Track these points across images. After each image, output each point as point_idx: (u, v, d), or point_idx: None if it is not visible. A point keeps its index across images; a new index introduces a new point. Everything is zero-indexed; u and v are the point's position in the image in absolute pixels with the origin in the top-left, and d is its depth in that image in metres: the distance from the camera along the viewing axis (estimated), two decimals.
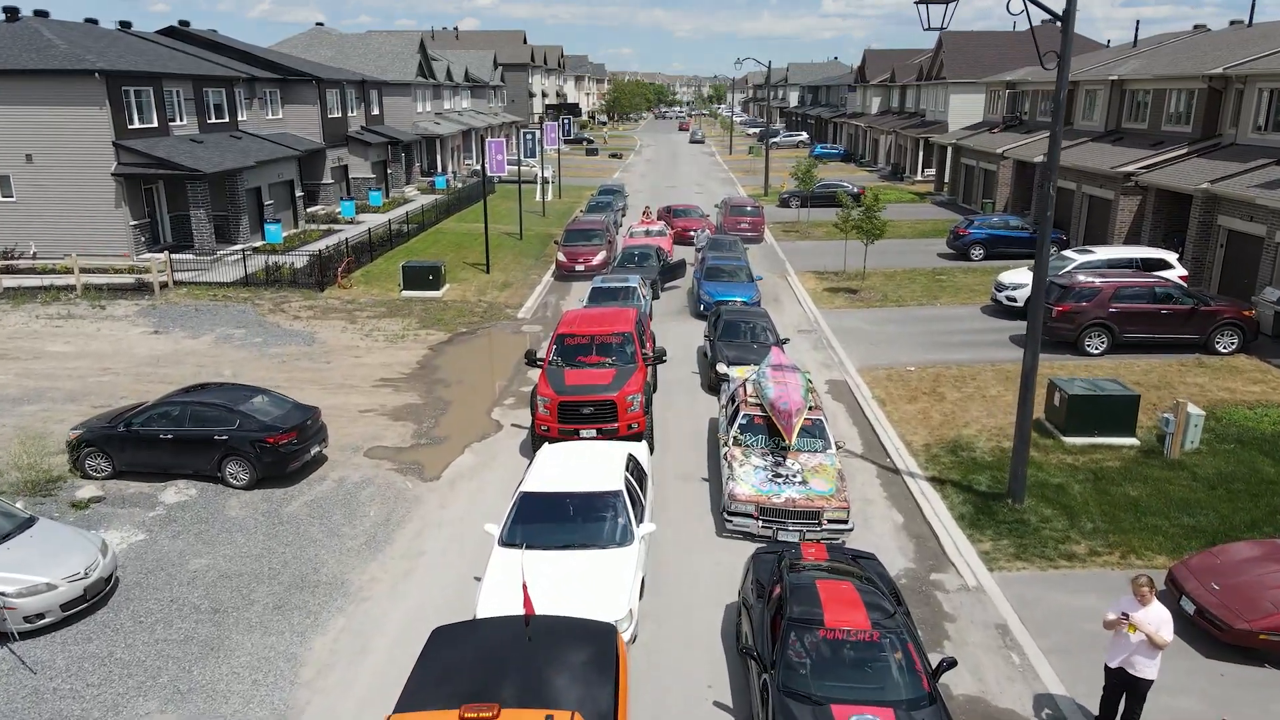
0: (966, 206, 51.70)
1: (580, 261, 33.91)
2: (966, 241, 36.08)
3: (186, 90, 36.86)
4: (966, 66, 59.95)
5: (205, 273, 32.24)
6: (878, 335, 26.20)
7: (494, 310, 29.39)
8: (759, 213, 41.99)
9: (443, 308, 29.47)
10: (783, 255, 38.63)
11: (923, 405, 20.34)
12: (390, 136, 54.16)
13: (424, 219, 44.37)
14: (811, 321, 28.18)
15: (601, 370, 17.73)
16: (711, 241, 35.11)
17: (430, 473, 17.28)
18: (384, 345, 25.41)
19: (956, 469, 16.89)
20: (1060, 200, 40.36)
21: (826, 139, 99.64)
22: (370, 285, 32.28)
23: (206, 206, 33.20)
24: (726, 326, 22.58)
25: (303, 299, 30.20)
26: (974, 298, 30.25)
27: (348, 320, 27.83)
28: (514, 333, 27.13)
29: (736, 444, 15.75)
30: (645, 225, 37.73)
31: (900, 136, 68.43)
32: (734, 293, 27.90)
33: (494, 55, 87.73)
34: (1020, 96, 50.82)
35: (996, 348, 24.70)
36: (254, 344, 25.23)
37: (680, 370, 23.27)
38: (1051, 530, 14.40)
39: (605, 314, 19.91)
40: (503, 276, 34.18)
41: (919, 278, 33.55)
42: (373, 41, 62.56)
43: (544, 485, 13.07)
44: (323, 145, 47.06)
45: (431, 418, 20.10)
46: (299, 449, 16.46)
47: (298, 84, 46.50)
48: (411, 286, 31.13)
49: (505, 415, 20.29)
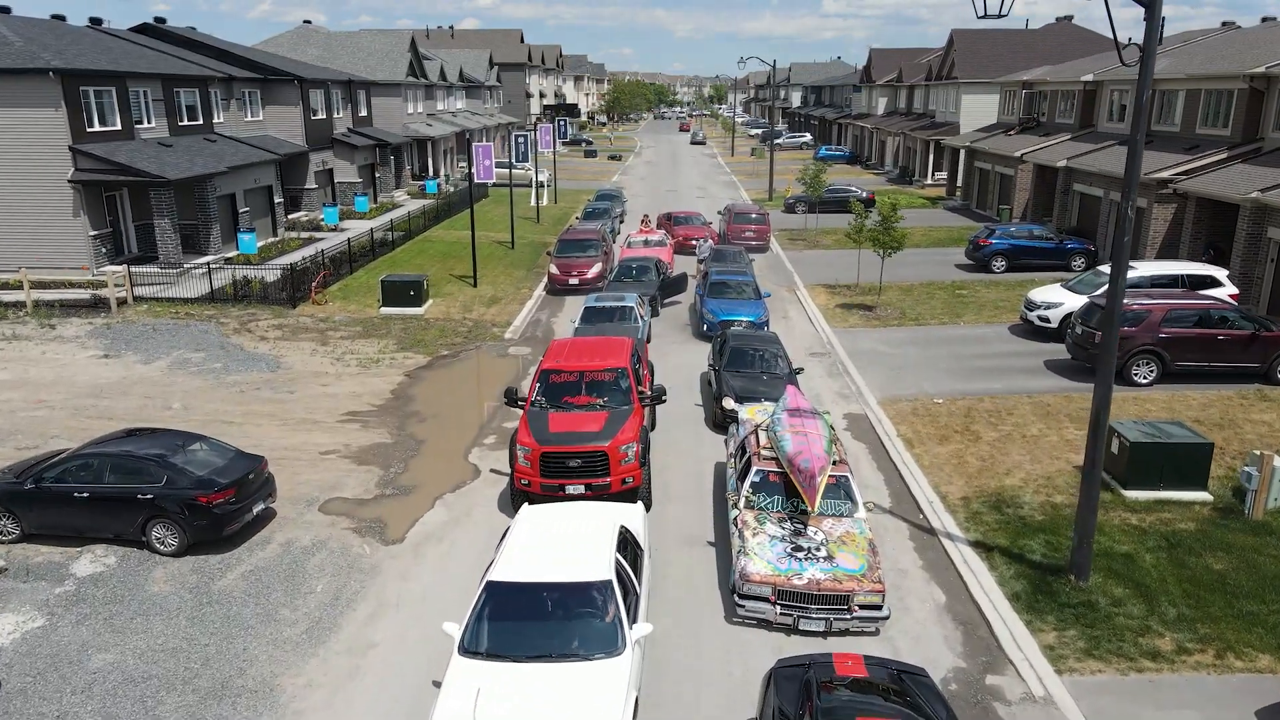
0: (981, 212, 49.36)
1: (574, 275, 31.57)
2: (987, 252, 33.73)
3: (155, 90, 34.52)
4: (979, 66, 57.61)
5: (170, 287, 29.90)
6: (898, 360, 23.85)
7: (479, 329, 27.05)
8: (764, 220, 39.65)
9: (424, 327, 27.13)
10: (790, 266, 36.28)
11: (956, 447, 17.99)
12: (378, 139, 51.83)
13: (411, 226, 42.05)
14: (824, 343, 25.84)
15: (591, 414, 15.37)
16: (715, 253, 32.81)
17: (393, 533, 14.94)
18: (356, 371, 23.07)
19: (1003, 531, 14.53)
20: (1085, 208, 38.02)
21: (831, 140, 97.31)
22: (348, 300, 29.94)
23: (172, 215, 30.85)
24: (733, 355, 20.23)
25: (272, 317, 27.85)
26: (1000, 315, 27.90)
27: (319, 341, 25.49)
28: (500, 356, 24.79)
29: (749, 506, 13.40)
30: (644, 234, 35.41)
31: (909, 138, 66.10)
32: (740, 311, 25.58)
33: (490, 55, 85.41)
34: (1037, 97, 48.46)
35: (1031, 375, 22.35)
36: (212, 370, 22.89)
37: (682, 401, 20.93)
38: (1127, 617, 12.05)
39: (597, 344, 17.57)
40: (491, 290, 31.84)
41: (938, 292, 31.20)
42: (362, 40, 60.23)
43: (516, 571, 10.72)
44: (305, 148, 44.74)
45: (401, 461, 17.75)
46: (238, 509, 14.12)
47: (279, 84, 44.19)
48: (391, 303, 28.78)
49: (484, 458, 17.94)
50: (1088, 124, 42.83)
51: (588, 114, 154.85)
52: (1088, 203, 37.57)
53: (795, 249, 39.96)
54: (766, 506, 13.34)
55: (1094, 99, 42.58)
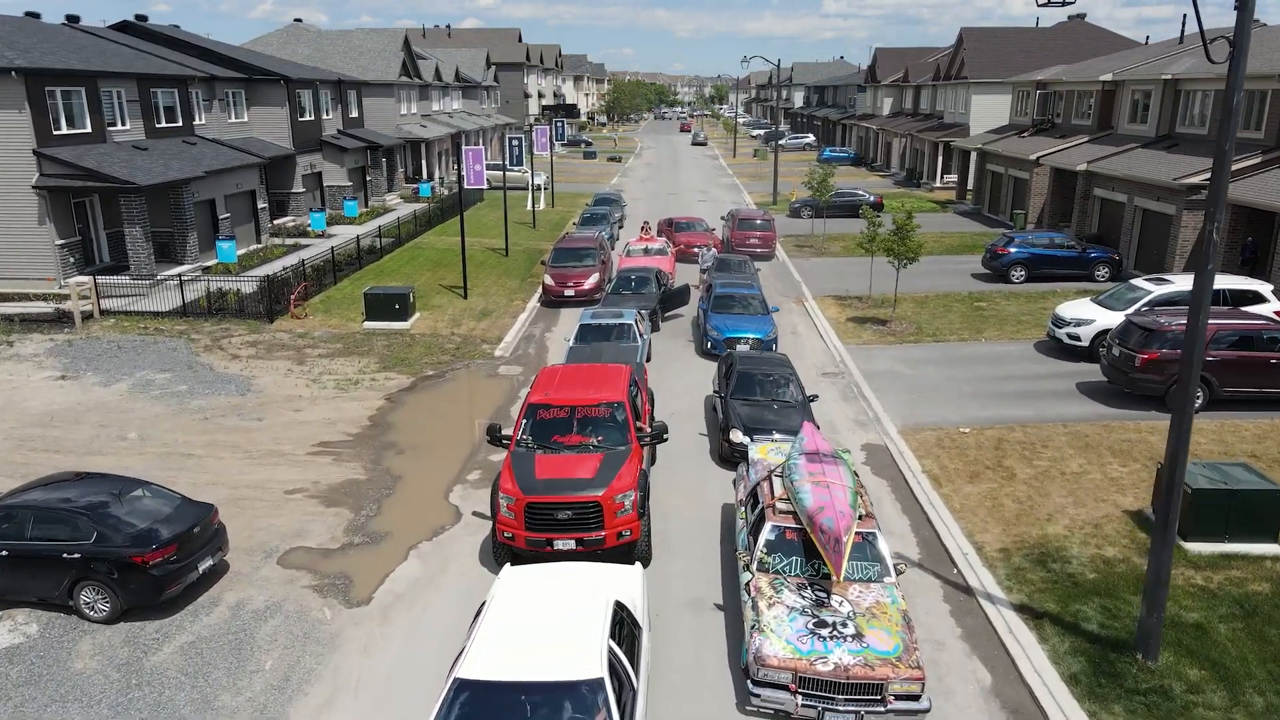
0: (993, 217, 47.61)
1: (570, 286, 29.84)
2: (1006, 262, 31.97)
3: (129, 91, 32.79)
4: (989, 65, 55.88)
5: (140, 299, 28.18)
6: (917, 381, 22.11)
7: (468, 346, 25.32)
8: (770, 226, 37.92)
9: (408, 343, 25.40)
10: (798, 275, 34.54)
11: (988, 486, 16.25)
12: (369, 140, 50.10)
13: (401, 232, 40.33)
14: (837, 361, 24.10)
15: (584, 457, 13.62)
16: (718, 261, 31.09)
17: (359, 591, 13.20)
18: (332, 394, 21.34)
19: (1051, 592, 12.79)
20: (1106, 214, 36.27)
21: (835, 141, 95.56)
22: (329, 314, 28.20)
23: (143, 223, 29.11)
24: (741, 380, 18.49)
25: (247, 332, 26.11)
26: (1023, 331, 26.16)
27: (295, 360, 23.76)
28: (489, 376, 23.06)
29: (763, 569, 11.67)
30: (644, 242, 33.68)
31: (916, 139, 64.35)
32: (746, 328, 23.86)
33: (487, 54, 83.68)
34: (1052, 98, 46.69)
35: (1064, 400, 20.60)
36: (176, 393, 21.16)
37: (685, 431, 19.20)
38: (1207, 708, 10.32)
39: (591, 374, 15.83)
40: (482, 302, 30.10)
41: (955, 305, 29.46)
42: (353, 39, 58.50)
43: (490, 666, 8.98)
44: (292, 150, 43.01)
45: (374, 501, 16.03)
46: (180, 567, 12.39)
47: (265, 84, 42.46)
48: (375, 316, 27.04)
49: (466, 497, 16.21)
50: (1106, 125, 41.09)
51: (587, 114, 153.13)
52: (1109, 209, 35.82)
53: (802, 256, 38.22)
54: (783, 570, 11.60)
55: (1113, 99, 40.84)
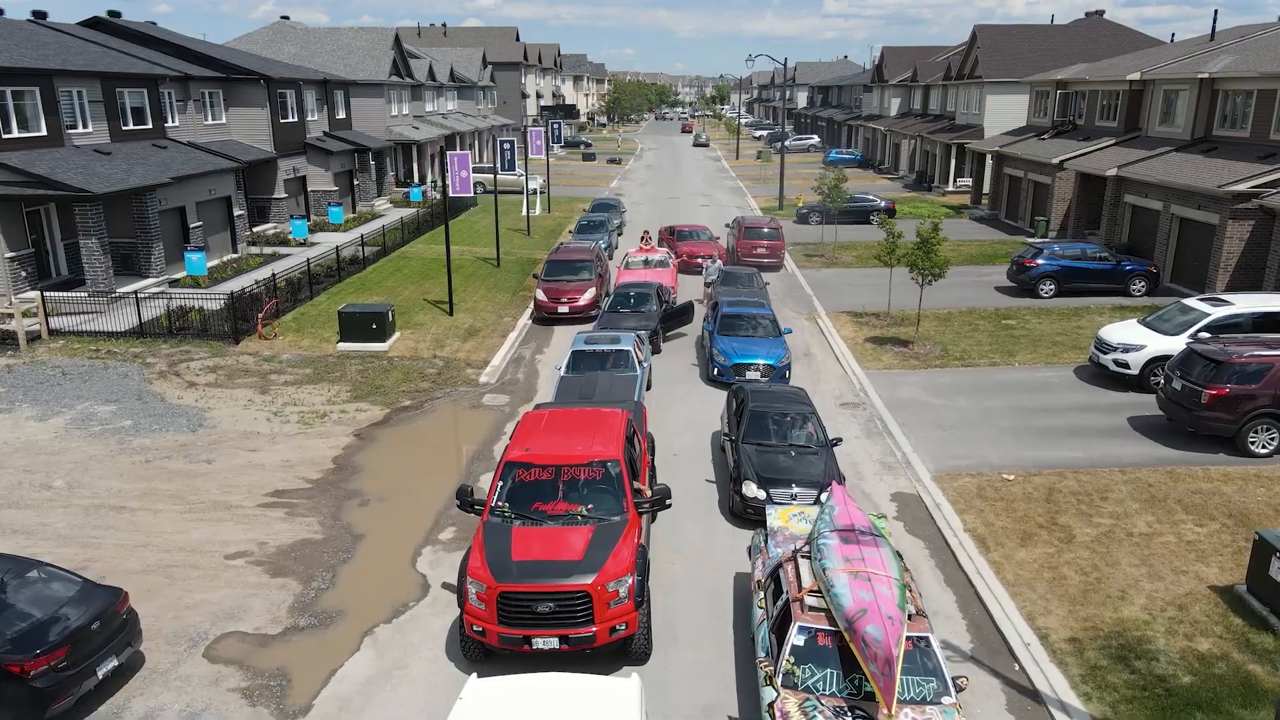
0: (1012, 223, 45.31)
1: (564, 301, 27.56)
2: (1034, 275, 29.66)
3: (92, 91, 30.53)
4: (1004, 64, 53.56)
5: (96, 318, 25.92)
6: (949, 414, 19.82)
7: (451, 371, 23.05)
8: (778, 234, 35.62)
9: (385, 368, 23.12)
10: (808, 289, 32.25)
11: (1044, 551, 13.96)
12: (357, 143, 47.81)
13: (386, 241, 38.06)
14: (857, 389, 21.81)
15: (570, 531, 11.33)
16: (724, 274, 28.82)
17: (298, 694, 10.93)
18: (295, 431, 19.07)
19: (1141, 703, 10.49)
20: (1139, 222, 33.98)
21: (840, 143, 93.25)
22: (301, 333, 25.92)
23: (100, 234, 26.84)
24: (753, 420, 16.19)
25: (209, 355, 23.84)
26: (1060, 354, 23.87)
27: (258, 389, 21.49)
28: (472, 408, 20.77)
29: (790, 685, 9.39)
30: (644, 254, 31.39)
31: (926, 141, 62.05)
32: (756, 352, 21.60)
33: (483, 53, 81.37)
34: (1074, 98, 44.40)
35: (1117, 439, 18.30)
36: (119, 430, 18.88)
37: (689, 476, 16.92)
38: None
39: (581, 421, 13.53)
40: (469, 319, 27.82)
41: (981, 322, 27.17)
42: (342, 37, 56.23)
43: None
44: (273, 154, 40.73)
45: (328, 569, 13.75)
46: (73, 675, 10.13)
47: (244, 84, 40.18)
48: (350, 337, 24.76)
49: (437, 563, 13.95)
50: (1133, 127, 38.80)
51: (587, 115, 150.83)
52: (1142, 217, 33.52)
53: (812, 267, 35.92)
54: (816, 687, 9.33)
55: (1140, 100, 38.56)
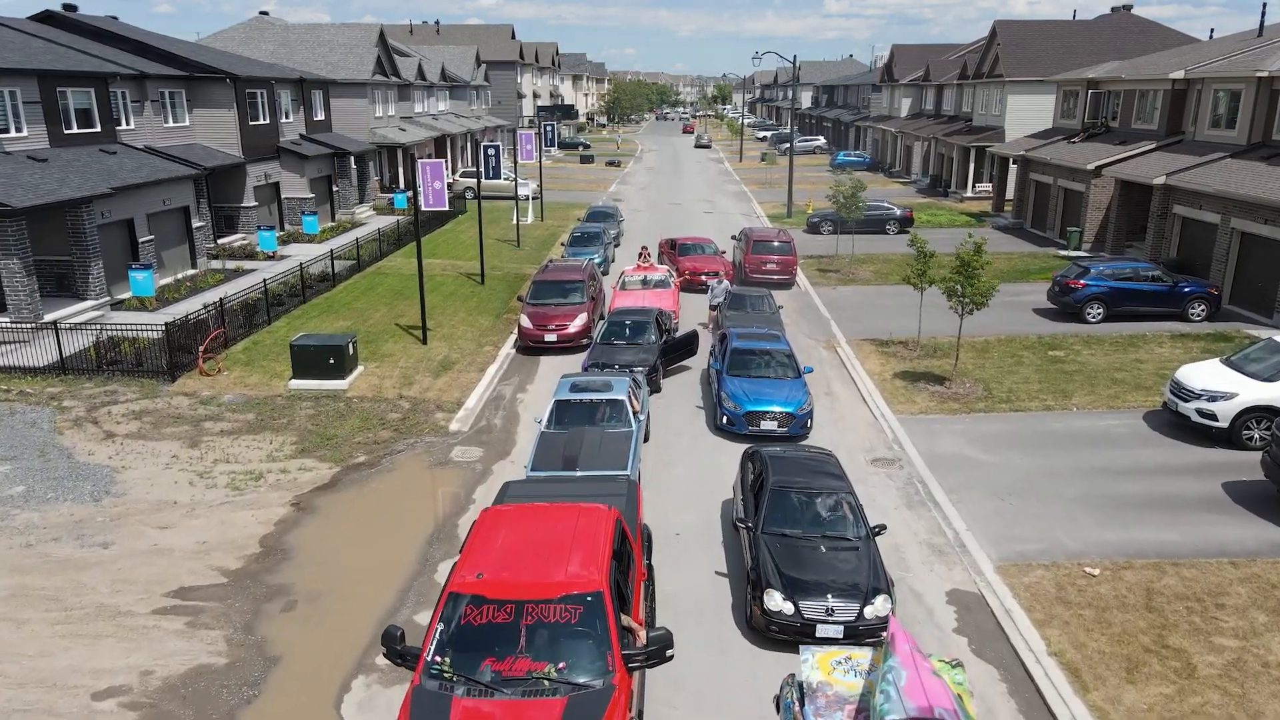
0: (1040, 233, 42.08)
1: (552, 329, 24.36)
2: (1080, 297, 26.39)
3: (28, 90, 27.33)
4: (1026, 62, 50.33)
5: (17, 350, 22.70)
6: (1003, 475, 16.61)
7: (418, 415, 19.84)
8: (790, 249, 32.38)
9: (341, 413, 19.91)
10: (825, 310, 29.02)
11: (1160, 690, 10.73)
12: (336, 146, 44.63)
13: (362, 254, 34.84)
14: (889, 440, 18.59)
15: (533, 706, 8.10)
16: (733, 298, 25.66)
17: None
18: (221, 498, 15.87)
19: None
20: (1190, 237, 30.72)
21: (847, 144, 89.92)
22: (251, 367, 22.71)
23: (22, 253, 23.65)
24: (776, 503, 12.96)
25: (139, 395, 20.64)
26: (1122, 395, 20.62)
27: (187, 440, 18.28)
28: (437, 465, 17.56)
29: None
30: (642, 272, 28.18)
31: (941, 144, 58.81)
32: (772, 397, 18.43)
33: (476, 51, 78.12)
34: (1106, 98, 41.15)
35: (1216, 514, 15.04)
36: (5, 500, 15.65)
37: (694, 566, 13.69)
38: None
39: (553, 528, 10.26)
40: (444, 349, 24.61)
41: (1024, 353, 23.94)
42: (323, 34, 53.03)
43: None
44: (241, 159, 37.57)
45: (225, 714, 10.54)
46: None
47: (209, 83, 37.00)
48: (304, 373, 21.54)
49: (368, 707, 10.73)
50: (1175, 130, 35.59)
51: (586, 115, 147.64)
52: (1195, 231, 30.27)
53: (827, 284, 32.70)
54: None
55: (1183, 100, 35.35)
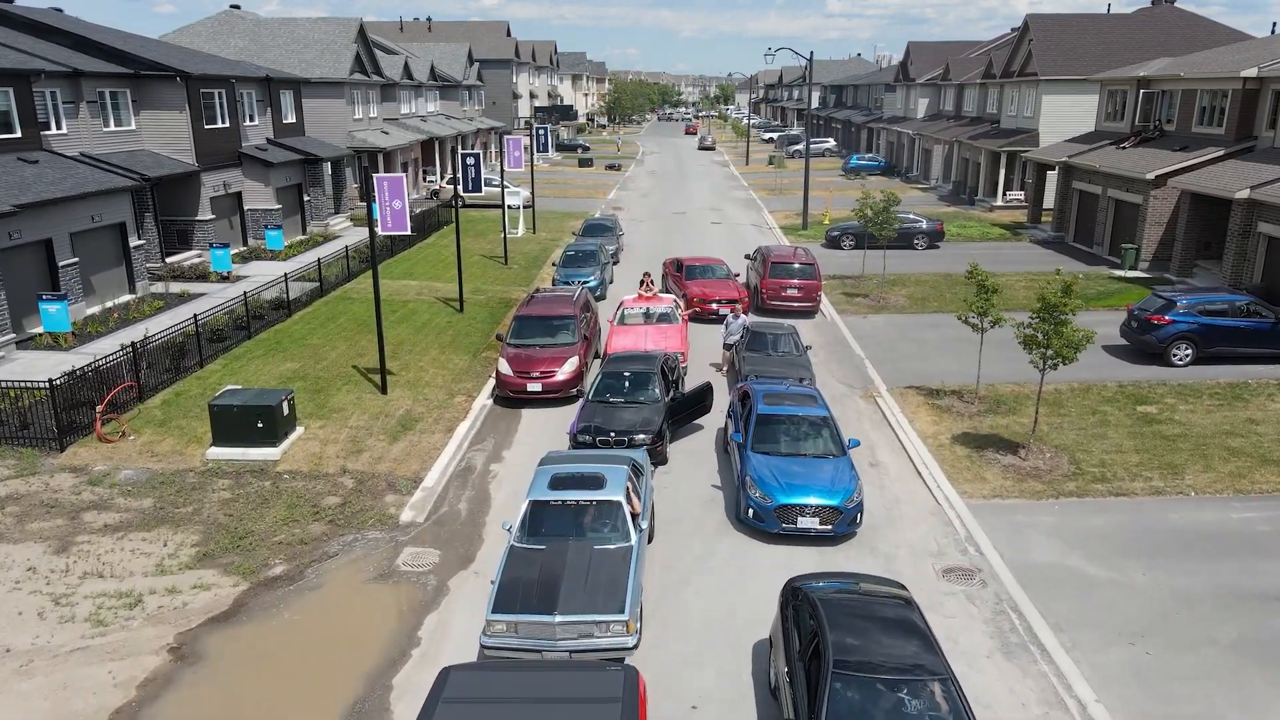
0: (1085, 248, 37.90)
1: (536, 376, 20.24)
2: (1166, 335, 22.24)
3: None
4: (1063, 59, 46.16)
5: None
6: (1127, 603, 12.44)
7: (364, 496, 15.71)
8: (814, 272, 28.19)
9: (266, 496, 15.77)
10: (856, 346, 24.86)
11: None
12: (307, 152, 40.51)
13: (326, 276, 30.68)
14: (961, 540, 14.44)
15: None
16: (752, 337, 21.55)
17: None
18: (76, 641, 11.74)
19: None
20: (1277, 259, 26.58)
21: (858, 146, 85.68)
22: (166, 428, 18.57)
23: None
24: (839, 696, 8.81)
25: (12, 472, 16.47)
26: (1248, 471, 16.44)
27: (57, 542, 14.16)
28: (378, 578, 13.41)
29: None
30: (643, 303, 24.02)
31: (966, 147, 54.63)
32: (810, 483, 14.33)
33: (469, 49, 74.00)
34: (1160, 98, 36.99)
35: None
36: None
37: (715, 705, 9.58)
38: None
39: None
40: (408, 400, 20.48)
41: (1107, 409, 19.80)
42: (297, 29, 48.90)
43: None
44: (195, 166, 33.48)
45: None
46: None
47: (158, 82, 32.90)
48: (227, 439, 17.40)
49: None
50: (1245, 135, 31.49)
51: (586, 116, 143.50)
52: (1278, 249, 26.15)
53: (855, 311, 28.53)
54: None
55: (1254, 101, 31.21)
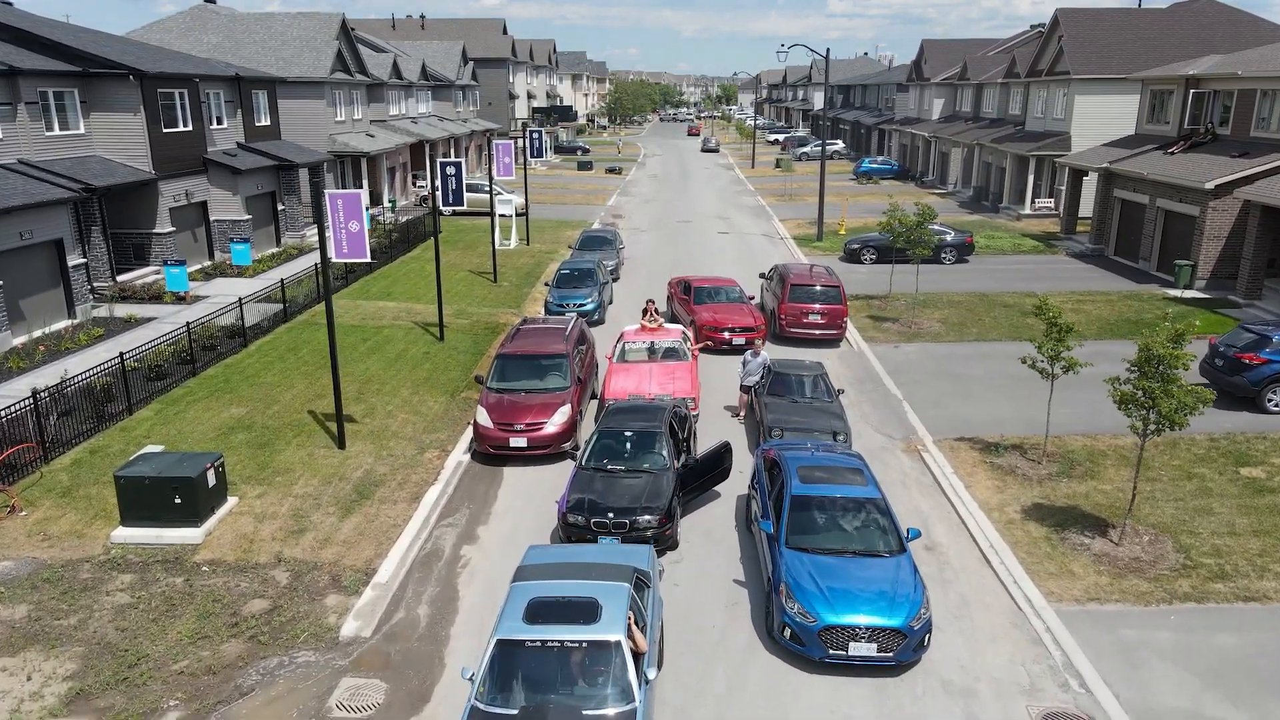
0: (1129, 263, 34.67)
1: (521, 429, 17.03)
2: (1260, 377, 19.01)
3: None
4: (1097, 57, 42.95)
5: None
6: None
7: (299, 599, 12.49)
8: (838, 295, 24.95)
9: (173, 600, 12.54)
10: (890, 384, 21.62)
11: None
12: (281, 157, 37.32)
13: (296, 294, 27.49)
14: (1057, 666, 11.21)
15: None
16: (775, 379, 18.35)
17: None
18: None
19: None
20: None
21: (868, 149, 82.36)
22: (68, 499, 15.36)
23: None
24: None
25: None
26: None
27: None
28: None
29: None
30: (647, 336, 20.78)
31: (988, 151, 51.42)
32: (862, 596, 11.24)
33: (463, 48, 70.78)
34: (1212, 98, 33.75)
35: None
36: None
37: None
38: None
39: None
40: (369, 457, 17.24)
41: (1204, 471, 16.56)
42: (275, 25, 45.71)
43: None
44: (152, 174, 30.29)
45: None
46: None
47: (110, 81, 29.67)
48: (138, 517, 14.17)
49: None
50: None
51: (586, 116, 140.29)
52: None
53: (885, 339, 25.29)
54: None
55: None
